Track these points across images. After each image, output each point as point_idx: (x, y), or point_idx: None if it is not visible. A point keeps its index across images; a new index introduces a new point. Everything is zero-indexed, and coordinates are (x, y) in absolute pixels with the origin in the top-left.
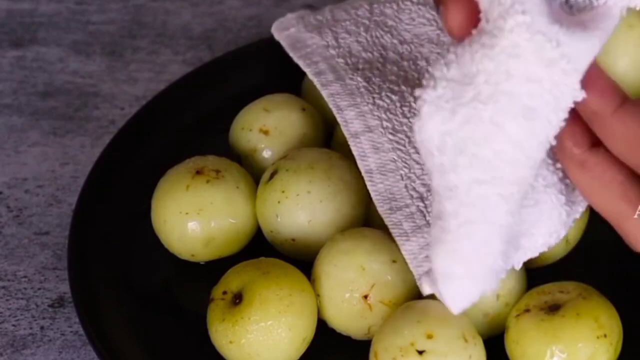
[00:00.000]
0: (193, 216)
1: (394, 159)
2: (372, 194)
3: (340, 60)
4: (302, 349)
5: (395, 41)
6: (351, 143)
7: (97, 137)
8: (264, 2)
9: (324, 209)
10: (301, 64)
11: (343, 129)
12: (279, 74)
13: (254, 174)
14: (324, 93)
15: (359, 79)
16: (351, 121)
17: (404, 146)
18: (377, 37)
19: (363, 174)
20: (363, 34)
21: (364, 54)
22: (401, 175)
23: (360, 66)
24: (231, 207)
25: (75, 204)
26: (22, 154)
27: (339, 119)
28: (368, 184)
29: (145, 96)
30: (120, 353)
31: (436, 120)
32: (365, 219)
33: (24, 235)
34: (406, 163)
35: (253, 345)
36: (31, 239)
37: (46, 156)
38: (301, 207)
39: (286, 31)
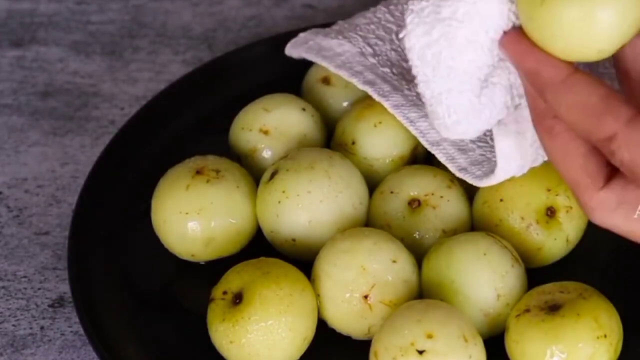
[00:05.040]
0: (193, 216)
1: (481, 154)
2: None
3: (386, 69)
4: (302, 348)
5: None
6: (434, 151)
7: (97, 137)
8: (264, 2)
9: (324, 209)
10: (344, 74)
11: (420, 139)
12: (279, 74)
13: (254, 174)
14: (387, 104)
15: (413, 90)
16: (427, 131)
17: (487, 142)
18: None
19: (456, 172)
20: (396, 41)
21: (404, 64)
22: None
23: (408, 77)
24: (231, 207)
25: (75, 204)
26: (22, 154)
27: (413, 131)
28: (467, 177)
29: (145, 96)
30: (120, 353)
31: (418, 32)
32: (366, 219)
33: (24, 235)
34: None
35: (253, 345)
36: (31, 239)
37: (46, 156)
38: (301, 207)
39: (305, 44)
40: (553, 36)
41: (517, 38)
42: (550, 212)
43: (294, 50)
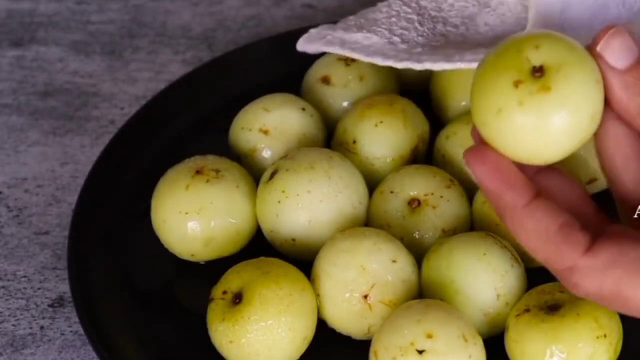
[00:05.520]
0: (193, 216)
1: None
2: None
3: (419, 49)
4: (302, 348)
5: (450, 29)
6: None
7: (97, 137)
8: (264, 2)
9: (324, 209)
10: (377, 60)
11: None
12: (279, 74)
13: (254, 174)
14: (434, 66)
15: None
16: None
17: None
18: (432, 28)
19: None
20: (421, 28)
21: (433, 44)
22: None
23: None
24: (231, 207)
25: (75, 204)
26: (22, 154)
27: (470, 64)
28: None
29: (145, 96)
30: (120, 353)
31: None
32: (366, 219)
33: (24, 235)
34: None
35: (253, 345)
36: (31, 239)
37: (46, 156)
38: (301, 207)
39: (323, 39)
40: (508, 143)
41: (480, 155)
42: None
43: (309, 45)
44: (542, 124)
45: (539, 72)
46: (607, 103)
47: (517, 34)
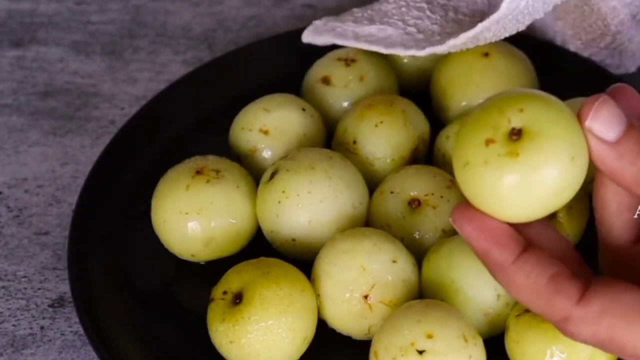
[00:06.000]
0: (193, 216)
1: None
2: None
3: (437, 37)
4: (302, 348)
5: (461, 17)
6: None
7: (97, 137)
8: (264, 2)
9: (324, 209)
10: (399, 50)
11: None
12: (279, 74)
13: (254, 174)
14: (456, 41)
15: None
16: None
17: None
18: (444, 15)
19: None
20: (433, 16)
21: (448, 30)
22: None
23: None
24: (231, 207)
25: (75, 204)
26: (22, 154)
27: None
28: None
29: (145, 96)
30: (120, 353)
31: None
32: (366, 219)
33: (24, 235)
34: None
35: (253, 345)
36: (31, 239)
37: (46, 156)
38: (301, 207)
39: (332, 32)
40: (472, 195)
41: (465, 214)
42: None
43: (317, 37)
44: (501, 187)
45: (516, 135)
46: (602, 173)
47: (508, 90)
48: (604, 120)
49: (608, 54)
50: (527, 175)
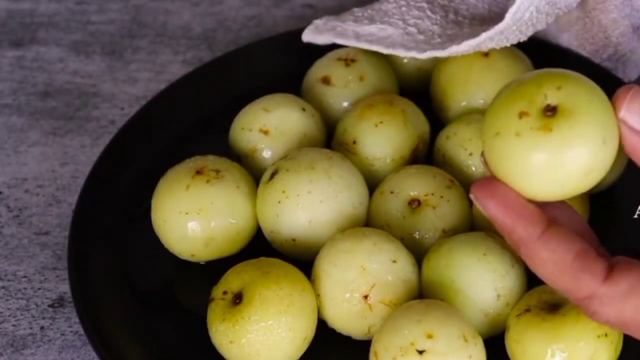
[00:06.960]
0: (193, 216)
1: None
2: None
3: (438, 39)
4: (302, 348)
5: (461, 19)
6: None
7: (97, 137)
8: (264, 2)
9: (324, 209)
10: (400, 52)
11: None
12: (279, 74)
13: (254, 174)
14: (459, 48)
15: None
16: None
17: None
18: (444, 16)
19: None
20: (433, 16)
21: (449, 32)
22: None
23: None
24: (231, 207)
25: (75, 204)
26: (22, 154)
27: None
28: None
29: (145, 96)
30: (120, 353)
31: None
32: (366, 219)
33: (24, 235)
34: None
35: (253, 345)
36: (31, 239)
37: (46, 156)
38: (301, 207)
39: (332, 31)
40: (497, 167)
41: (487, 188)
42: None
43: (318, 36)
44: (531, 160)
45: (550, 111)
46: (634, 163)
47: (548, 69)
48: (638, 111)
49: (611, 65)
50: (558, 151)
